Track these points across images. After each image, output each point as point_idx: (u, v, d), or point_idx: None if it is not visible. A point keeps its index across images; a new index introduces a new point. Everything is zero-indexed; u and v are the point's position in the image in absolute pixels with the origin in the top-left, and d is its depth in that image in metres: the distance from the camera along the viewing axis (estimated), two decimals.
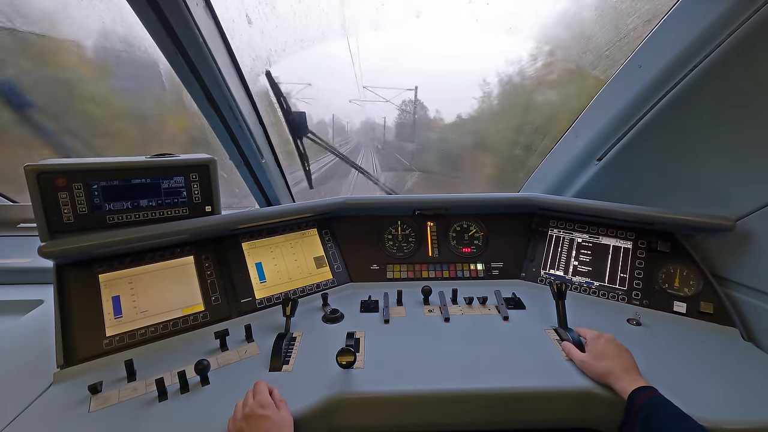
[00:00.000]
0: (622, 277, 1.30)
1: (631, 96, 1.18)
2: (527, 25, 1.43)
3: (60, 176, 0.98)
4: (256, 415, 0.71)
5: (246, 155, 1.32)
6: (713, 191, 1.17)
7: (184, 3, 0.86)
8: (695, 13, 0.97)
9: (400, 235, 1.50)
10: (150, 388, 0.86)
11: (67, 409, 0.81)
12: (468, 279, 1.44)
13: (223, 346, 1.02)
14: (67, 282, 1.00)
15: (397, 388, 0.88)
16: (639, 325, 1.14)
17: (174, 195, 1.14)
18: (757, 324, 1.08)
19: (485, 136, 2.38)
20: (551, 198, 1.46)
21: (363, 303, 1.26)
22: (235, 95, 1.16)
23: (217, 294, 1.16)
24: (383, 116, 3.02)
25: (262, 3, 1.22)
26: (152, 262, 1.12)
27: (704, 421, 0.73)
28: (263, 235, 1.34)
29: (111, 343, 0.98)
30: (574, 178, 1.54)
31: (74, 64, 1.48)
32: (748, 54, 0.91)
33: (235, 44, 1.14)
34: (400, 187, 2.44)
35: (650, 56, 1.12)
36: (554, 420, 0.90)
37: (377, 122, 3.20)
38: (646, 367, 0.88)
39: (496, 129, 2.21)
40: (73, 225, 1.01)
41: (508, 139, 2.10)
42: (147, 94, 1.63)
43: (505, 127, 2.12)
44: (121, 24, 1.24)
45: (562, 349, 1.00)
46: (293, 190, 1.71)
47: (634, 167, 1.33)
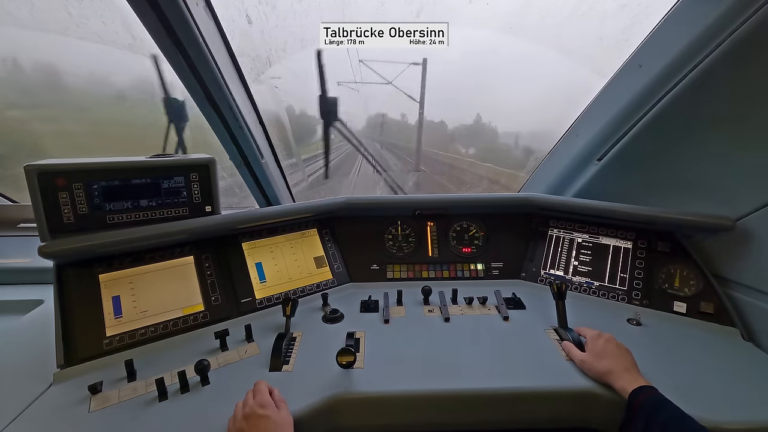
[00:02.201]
0: (622, 277, 1.30)
1: (631, 96, 1.18)
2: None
3: (60, 176, 0.98)
4: (256, 415, 0.71)
5: (246, 155, 1.32)
6: (713, 191, 1.17)
7: (184, 3, 0.86)
8: (695, 13, 0.97)
9: (400, 235, 1.50)
10: (150, 388, 0.86)
11: (67, 409, 0.81)
12: (468, 279, 1.44)
13: (223, 346, 1.02)
14: (67, 282, 1.00)
15: (397, 388, 0.88)
16: (639, 325, 1.14)
17: (174, 195, 1.14)
18: (757, 324, 1.08)
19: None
20: (551, 198, 1.46)
21: (363, 303, 1.26)
22: (235, 95, 1.16)
23: (217, 294, 1.16)
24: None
25: (262, 3, 1.22)
26: (152, 262, 1.12)
27: (704, 421, 0.73)
28: (263, 235, 1.34)
29: (111, 343, 0.98)
30: (574, 178, 1.54)
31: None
32: (748, 54, 0.91)
33: (235, 44, 1.14)
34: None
35: (650, 56, 1.12)
36: (554, 420, 0.90)
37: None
38: (646, 367, 0.88)
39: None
40: (73, 225, 1.01)
41: None
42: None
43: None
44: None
45: (562, 348, 1.00)
46: (293, 190, 1.71)
47: (634, 167, 1.33)
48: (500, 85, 2.25)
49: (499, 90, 2.28)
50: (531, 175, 1.78)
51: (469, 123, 3.80)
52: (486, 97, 2.69)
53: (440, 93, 2.26)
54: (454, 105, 3.11)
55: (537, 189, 1.70)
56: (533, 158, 1.87)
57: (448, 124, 3.96)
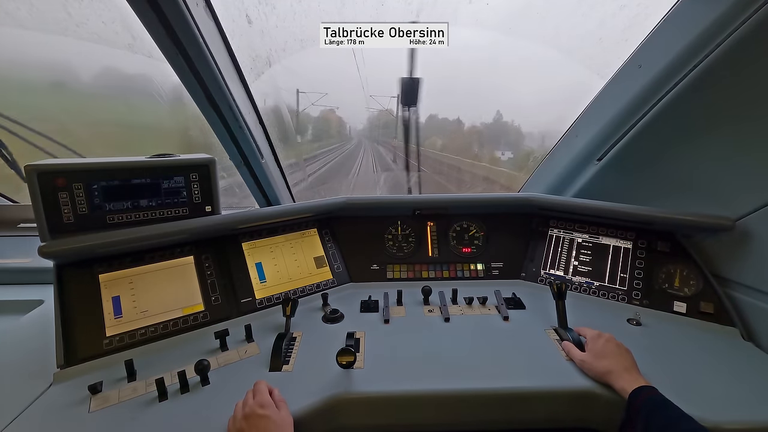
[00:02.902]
0: (622, 277, 1.30)
1: (631, 96, 1.18)
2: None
3: (60, 176, 0.98)
4: (256, 415, 0.71)
5: (246, 155, 1.32)
6: (713, 191, 1.17)
7: (184, 3, 0.86)
8: (695, 13, 0.97)
9: (400, 235, 1.50)
10: (150, 388, 0.86)
11: (67, 409, 0.81)
12: (468, 279, 1.44)
13: (223, 346, 1.02)
14: (67, 282, 1.00)
15: (397, 388, 0.88)
16: (639, 325, 1.14)
17: (174, 195, 1.14)
18: (757, 324, 1.08)
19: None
20: (551, 198, 1.46)
21: (363, 303, 1.26)
22: (235, 95, 1.16)
23: (217, 294, 1.16)
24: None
25: (262, 3, 1.22)
26: (152, 262, 1.12)
27: (704, 421, 0.73)
28: (263, 235, 1.34)
29: (111, 343, 0.98)
30: (574, 178, 1.54)
31: None
32: (748, 54, 0.91)
33: (235, 44, 1.14)
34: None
35: (650, 56, 1.12)
36: (554, 420, 0.90)
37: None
38: (646, 367, 0.88)
39: None
40: (73, 225, 1.01)
41: None
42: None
43: None
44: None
45: (562, 348, 1.00)
46: (293, 190, 1.71)
47: (634, 167, 1.33)
48: (500, 85, 2.25)
49: (500, 90, 2.28)
50: (531, 175, 1.79)
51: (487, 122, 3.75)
52: (486, 97, 2.69)
53: (442, 93, 2.26)
54: (454, 105, 3.12)
55: (537, 189, 1.70)
56: (533, 158, 1.88)
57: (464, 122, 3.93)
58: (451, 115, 4.13)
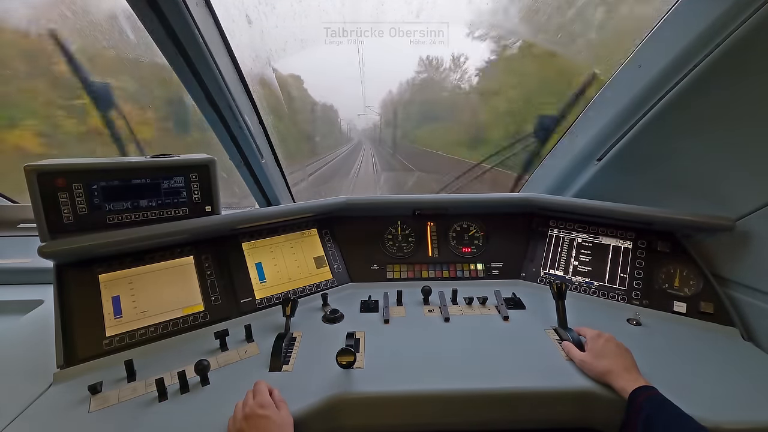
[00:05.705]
0: (622, 277, 1.30)
1: (631, 96, 1.18)
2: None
3: (60, 176, 0.98)
4: (256, 415, 0.71)
5: (246, 155, 1.32)
6: (713, 191, 1.17)
7: (184, 3, 0.86)
8: (695, 13, 0.97)
9: (400, 235, 1.50)
10: (150, 388, 0.86)
11: (67, 409, 0.81)
12: (468, 279, 1.44)
13: (223, 346, 1.02)
14: (67, 282, 1.00)
15: (397, 388, 0.88)
16: (639, 325, 1.14)
17: (174, 195, 1.14)
18: (757, 324, 1.08)
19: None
20: (551, 198, 1.46)
21: (363, 303, 1.26)
22: (235, 95, 1.15)
23: (217, 294, 1.16)
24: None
25: (262, 3, 1.22)
26: (152, 262, 1.12)
27: (704, 421, 0.73)
28: (263, 235, 1.34)
29: (111, 343, 0.98)
30: (574, 178, 1.54)
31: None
32: (748, 54, 0.91)
33: (235, 44, 1.14)
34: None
35: (650, 56, 1.12)
36: (554, 420, 0.90)
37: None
38: (646, 367, 0.88)
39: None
40: (73, 225, 1.01)
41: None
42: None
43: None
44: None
45: (562, 348, 1.00)
46: (293, 190, 1.71)
47: (634, 167, 1.33)
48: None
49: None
50: (531, 175, 1.78)
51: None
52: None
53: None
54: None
55: (537, 189, 1.70)
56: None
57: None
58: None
